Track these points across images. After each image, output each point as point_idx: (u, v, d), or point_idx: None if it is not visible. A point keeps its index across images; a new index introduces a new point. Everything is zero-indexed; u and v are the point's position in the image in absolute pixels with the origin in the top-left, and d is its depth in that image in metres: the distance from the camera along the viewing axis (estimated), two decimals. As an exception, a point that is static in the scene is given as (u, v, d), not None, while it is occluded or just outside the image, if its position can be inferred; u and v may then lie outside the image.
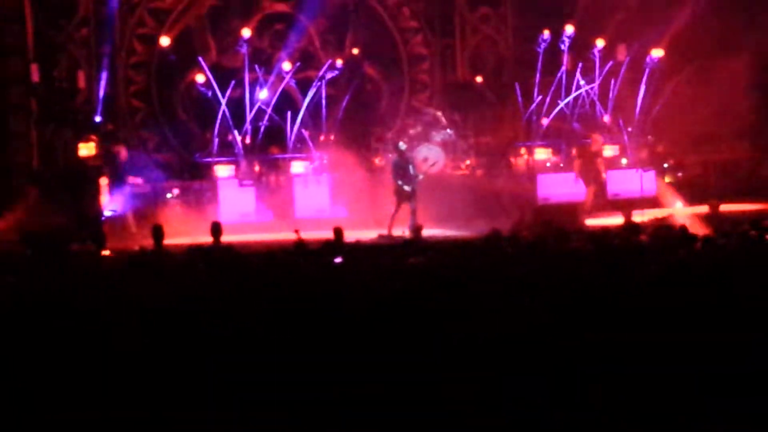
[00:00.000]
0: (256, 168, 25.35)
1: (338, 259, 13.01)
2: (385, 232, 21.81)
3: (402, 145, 23.30)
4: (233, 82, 25.67)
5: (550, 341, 8.00)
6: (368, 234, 20.94)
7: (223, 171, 25.13)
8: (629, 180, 25.69)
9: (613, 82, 27.32)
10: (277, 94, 26.08)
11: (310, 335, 8.28)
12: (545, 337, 8.06)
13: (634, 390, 7.35)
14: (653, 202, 24.33)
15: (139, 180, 24.04)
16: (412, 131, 26.43)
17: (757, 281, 9.47)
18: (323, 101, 26.35)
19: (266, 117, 25.97)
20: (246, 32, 26.11)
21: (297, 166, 25.62)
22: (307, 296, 9.75)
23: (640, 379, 7.45)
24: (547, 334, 8.13)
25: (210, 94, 25.60)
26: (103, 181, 23.85)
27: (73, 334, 8.38)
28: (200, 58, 26.08)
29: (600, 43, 27.16)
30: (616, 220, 20.90)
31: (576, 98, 27.48)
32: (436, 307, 8.92)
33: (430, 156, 25.22)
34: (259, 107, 25.83)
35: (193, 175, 25.50)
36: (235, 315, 8.88)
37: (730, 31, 27.18)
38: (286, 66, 26.46)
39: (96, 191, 23.54)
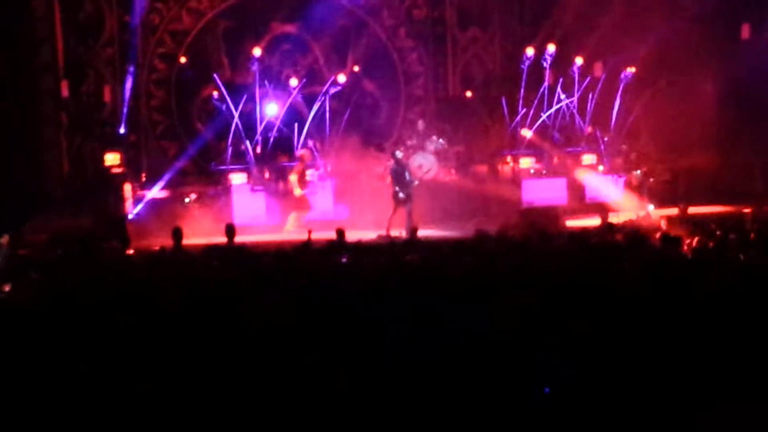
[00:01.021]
0: (267, 174, 25.31)
1: (344, 259, 13.01)
2: (383, 232, 21.80)
3: (399, 154, 23.28)
4: (245, 96, 25.67)
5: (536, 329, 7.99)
6: (368, 234, 20.91)
7: (236, 177, 25.11)
8: (606, 185, 25.77)
9: (590, 95, 27.36)
10: (285, 107, 26.08)
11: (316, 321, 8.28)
12: (531, 326, 8.06)
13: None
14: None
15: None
16: (408, 141, 26.44)
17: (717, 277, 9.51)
18: (327, 114, 26.36)
19: (275, 128, 25.94)
20: (257, 51, 26.08)
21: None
22: (313, 288, 9.76)
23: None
24: (533, 323, 8.13)
25: (224, 107, 25.57)
26: (127, 187, 23.89)
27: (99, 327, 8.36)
28: (215, 75, 26.06)
29: (579, 60, 27.21)
30: (593, 221, 20.91)
31: (557, 111, 27.51)
32: (429, 298, 8.93)
33: (425, 163, 25.15)
34: (269, 119, 25.81)
35: (208, 181, 25.50)
36: (248, 306, 8.88)
37: (697, 48, 27.21)
38: (293, 82, 26.47)
39: (121, 196, 23.57)
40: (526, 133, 27.07)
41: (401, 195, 22.27)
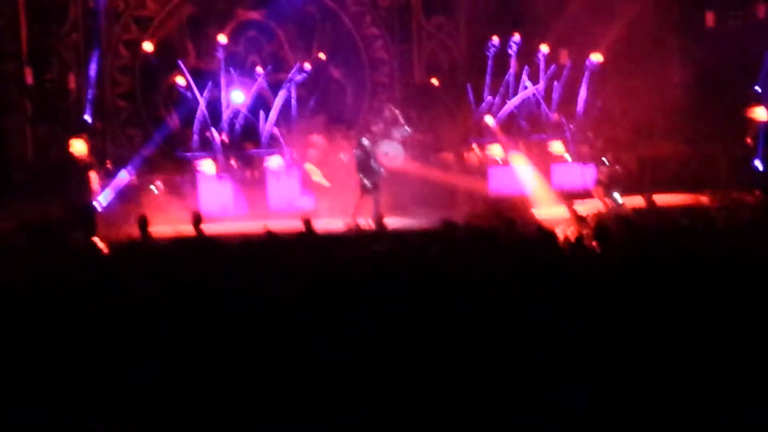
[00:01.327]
0: (233, 162, 25.25)
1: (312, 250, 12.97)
2: (349, 221, 21.75)
3: (364, 141, 23.25)
4: (210, 83, 25.61)
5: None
6: (334, 223, 20.84)
7: (202, 165, 25.05)
8: (572, 173, 25.82)
9: (556, 83, 27.42)
10: (251, 94, 26.01)
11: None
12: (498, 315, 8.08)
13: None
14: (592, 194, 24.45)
15: None
16: (373, 128, 26.40)
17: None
18: (293, 101, 26.31)
19: (241, 116, 25.89)
20: (222, 38, 26.01)
21: (270, 161, 25.50)
22: (280, 281, 9.75)
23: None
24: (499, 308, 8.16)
25: (189, 94, 25.50)
26: (93, 175, 23.76)
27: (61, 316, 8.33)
28: (180, 62, 25.97)
29: (544, 48, 27.26)
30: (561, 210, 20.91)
31: (523, 98, 27.56)
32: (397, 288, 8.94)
33: (390, 151, 25.14)
34: (235, 107, 25.74)
35: (175, 168, 25.40)
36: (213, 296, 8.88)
37: (662, 36, 27.33)
38: (259, 69, 26.39)
39: (86, 184, 23.45)
40: (491, 120, 27.09)
41: (367, 183, 22.25)
